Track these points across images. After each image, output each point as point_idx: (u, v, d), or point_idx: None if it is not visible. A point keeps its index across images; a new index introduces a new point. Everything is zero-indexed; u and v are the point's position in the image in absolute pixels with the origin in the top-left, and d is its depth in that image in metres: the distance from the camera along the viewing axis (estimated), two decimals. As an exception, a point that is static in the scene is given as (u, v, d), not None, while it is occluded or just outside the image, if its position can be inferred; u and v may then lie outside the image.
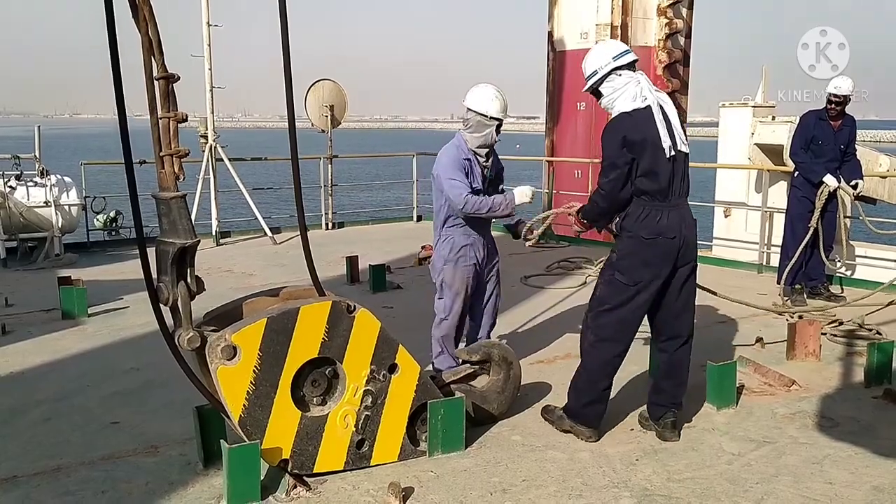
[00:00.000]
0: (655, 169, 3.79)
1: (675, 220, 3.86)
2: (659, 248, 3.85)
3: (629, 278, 3.90)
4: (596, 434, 4.11)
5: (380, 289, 7.71)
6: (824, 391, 4.89)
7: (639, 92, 3.85)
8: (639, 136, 3.78)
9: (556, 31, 13.24)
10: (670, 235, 3.85)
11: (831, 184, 7.06)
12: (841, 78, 7.19)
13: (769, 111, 9.82)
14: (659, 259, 3.87)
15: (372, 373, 3.68)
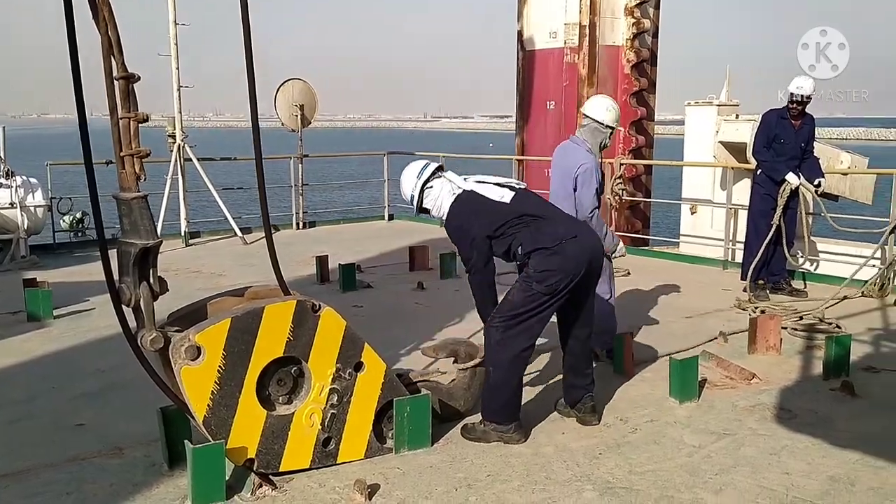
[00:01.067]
0: (507, 213, 4.13)
1: (568, 226, 4.16)
2: (566, 250, 4.01)
3: (547, 286, 3.99)
4: (524, 433, 4.13)
5: (350, 288, 7.73)
6: (784, 384, 5.00)
7: (452, 186, 4.29)
8: (473, 213, 4.18)
9: (526, 31, 13.33)
10: (570, 236, 4.06)
11: (793, 182, 7.21)
12: (803, 78, 7.32)
13: (733, 110, 9.97)
14: (569, 261, 4.01)
15: (338, 371, 3.70)
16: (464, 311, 6.83)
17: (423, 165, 4.40)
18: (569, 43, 12.55)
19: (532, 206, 4.20)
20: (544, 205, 4.33)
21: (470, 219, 4.18)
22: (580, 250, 4.05)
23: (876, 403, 4.65)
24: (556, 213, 4.32)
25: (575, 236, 4.07)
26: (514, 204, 4.16)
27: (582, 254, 4.05)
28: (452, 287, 7.97)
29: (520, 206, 4.16)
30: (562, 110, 13.09)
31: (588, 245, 4.11)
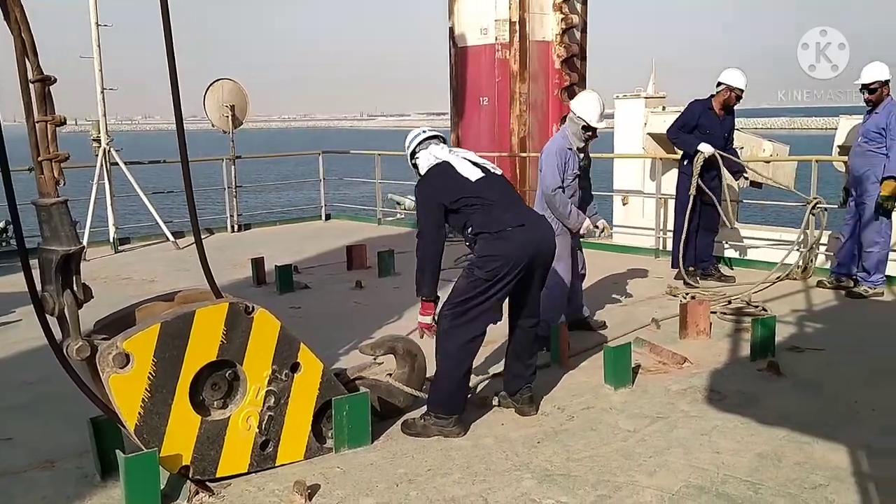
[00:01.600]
0: (467, 192, 4.23)
1: (517, 214, 4.21)
2: (509, 238, 4.09)
3: (488, 272, 4.07)
4: (463, 427, 4.16)
5: (287, 289, 7.64)
6: (714, 366, 5.16)
7: (433, 157, 4.42)
8: (439, 181, 4.34)
9: (457, 27, 13.36)
10: (517, 224, 4.13)
11: (706, 150, 7.32)
12: (739, 72, 7.47)
13: (660, 102, 10.21)
14: (513, 248, 4.08)
15: (274, 373, 3.67)
16: (403, 309, 6.85)
17: (416, 134, 4.60)
18: (500, 39, 12.64)
19: (494, 190, 4.26)
20: (506, 192, 4.36)
21: (435, 187, 4.32)
22: (525, 240, 4.10)
23: (800, 382, 4.83)
24: (513, 201, 4.33)
25: (522, 225, 4.12)
26: (477, 183, 4.24)
27: (527, 244, 4.10)
28: (391, 285, 7.97)
29: (481, 188, 4.23)
30: (495, 106, 13.19)
31: (535, 236, 4.15)
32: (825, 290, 7.20)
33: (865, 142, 6.87)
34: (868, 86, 6.79)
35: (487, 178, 4.30)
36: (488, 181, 4.29)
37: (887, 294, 7.01)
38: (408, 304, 7.01)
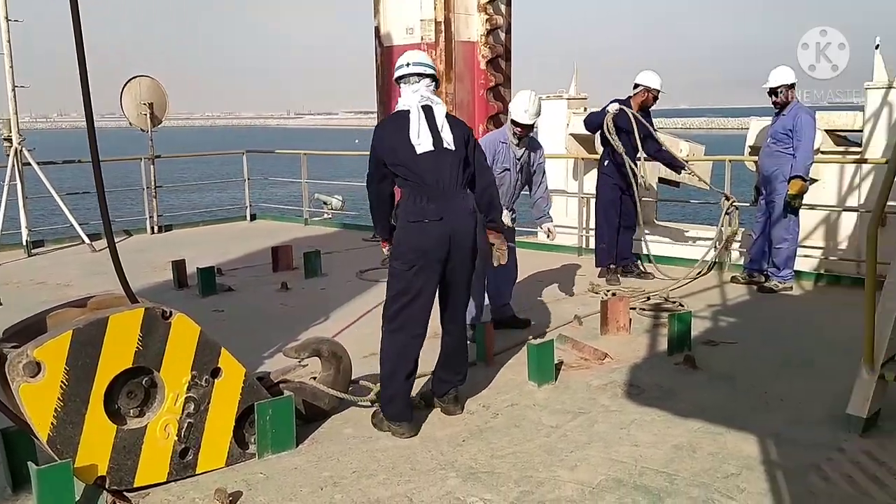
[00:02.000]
0: (407, 162, 4.13)
1: (441, 206, 4.08)
2: (425, 230, 4.06)
3: (403, 263, 4.09)
4: (411, 429, 4.15)
5: (210, 292, 7.49)
6: (633, 361, 5.30)
7: (406, 99, 4.26)
8: (388, 136, 4.21)
9: (383, 27, 13.31)
10: (435, 218, 4.05)
11: (613, 108, 7.55)
12: (655, 73, 7.70)
13: (581, 103, 10.44)
14: (427, 241, 4.05)
15: (193, 379, 3.60)
16: (329, 310, 6.82)
17: (401, 63, 4.34)
18: (425, 39, 12.64)
19: (433, 171, 4.10)
20: (445, 175, 4.12)
21: (382, 140, 4.23)
22: (439, 234, 4.04)
23: (714, 374, 5.02)
24: (445, 188, 4.11)
25: (440, 218, 4.04)
26: (421, 157, 4.11)
27: (441, 238, 4.05)
28: (318, 286, 7.91)
29: (422, 164, 4.10)
30: (422, 105, 13.21)
31: (450, 230, 4.06)
32: (738, 286, 7.49)
33: (774, 142, 7.18)
34: (774, 89, 7.10)
35: (435, 153, 4.12)
36: (434, 158, 4.11)
37: (796, 288, 7.34)
38: (334, 306, 6.99)
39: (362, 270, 8.48)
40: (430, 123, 4.17)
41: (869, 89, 8.20)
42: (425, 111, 4.19)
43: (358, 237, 10.89)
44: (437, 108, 4.27)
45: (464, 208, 4.17)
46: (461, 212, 4.15)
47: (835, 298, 7.02)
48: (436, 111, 4.24)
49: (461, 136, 4.27)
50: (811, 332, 5.96)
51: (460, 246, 4.13)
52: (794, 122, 6.95)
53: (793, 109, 7.06)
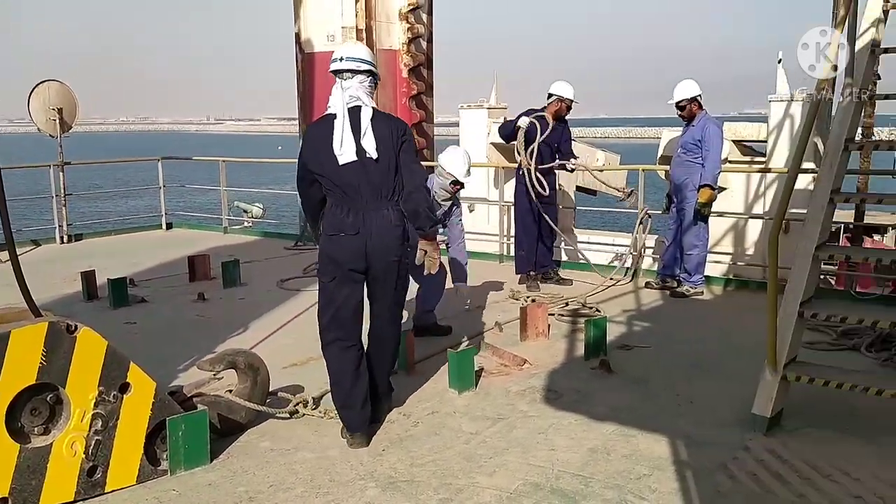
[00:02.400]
0: (330, 173, 4.05)
1: (359, 219, 4.03)
2: (341, 243, 4.04)
3: (324, 275, 4.12)
4: (361, 439, 4.11)
5: (121, 304, 7.24)
6: (551, 367, 5.40)
7: (331, 103, 4.13)
8: (313, 141, 4.12)
9: (304, 33, 13.20)
10: (352, 232, 4.02)
11: (523, 123, 7.64)
12: (568, 84, 7.84)
13: (502, 112, 10.58)
14: (343, 254, 4.04)
15: (101, 395, 3.48)
16: (249, 320, 6.69)
17: (335, 56, 4.14)
18: (347, 46, 12.63)
19: (354, 184, 4.01)
20: (365, 187, 4.02)
21: (307, 146, 4.14)
22: (354, 248, 4.02)
23: (628, 378, 5.15)
24: (364, 201, 4.03)
25: (356, 233, 4.01)
26: (343, 168, 4.00)
27: (356, 253, 4.02)
28: (236, 296, 7.75)
29: (343, 175, 4.01)
30: (344, 113, 13.15)
31: (364, 245, 4.02)
32: (652, 291, 7.72)
33: (684, 152, 7.44)
34: (678, 104, 7.37)
35: (358, 164, 4.00)
36: (356, 169, 4.00)
37: (706, 293, 7.62)
38: (253, 316, 6.86)
39: (283, 279, 8.37)
40: (354, 129, 4.02)
41: (772, 101, 8.59)
42: (351, 115, 4.04)
43: (279, 245, 10.74)
44: (364, 111, 4.07)
45: (384, 221, 4.06)
46: (380, 225, 4.05)
47: (742, 302, 7.32)
48: (362, 114, 4.06)
49: (388, 138, 4.08)
50: (720, 335, 6.19)
51: (379, 259, 4.08)
52: (703, 133, 7.23)
53: (701, 121, 7.34)
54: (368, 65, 4.16)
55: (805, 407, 4.46)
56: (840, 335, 5.89)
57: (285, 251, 10.33)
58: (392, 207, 4.11)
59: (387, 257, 4.10)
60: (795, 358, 4.39)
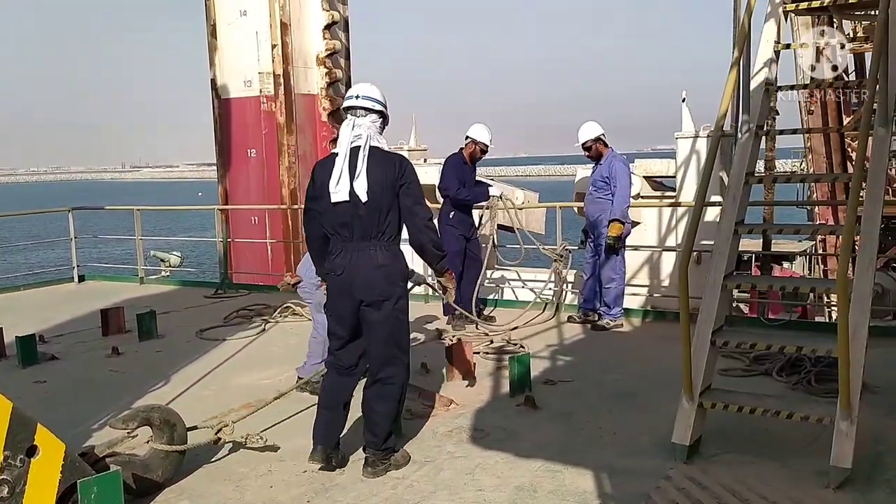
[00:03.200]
0: (326, 211, 4.23)
1: (346, 259, 4.17)
2: (332, 282, 4.27)
3: (326, 308, 4.42)
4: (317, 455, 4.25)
5: (30, 362, 6.90)
6: (478, 405, 5.41)
7: (340, 138, 4.32)
8: (318, 177, 4.28)
9: (220, 78, 13.11)
10: (339, 272, 4.18)
11: (496, 192, 8.08)
12: (485, 127, 7.97)
13: (422, 154, 10.71)
14: (333, 292, 4.28)
15: (6, 460, 3.30)
16: (166, 373, 6.48)
17: (349, 94, 4.36)
18: (264, 91, 12.59)
19: (346, 224, 4.16)
20: (355, 227, 4.15)
21: (312, 181, 4.31)
22: (338, 287, 4.23)
23: (554, 413, 5.20)
24: (355, 241, 4.17)
25: (342, 273, 4.17)
26: (336, 207, 4.16)
27: (341, 292, 4.22)
28: (153, 349, 7.51)
29: (336, 215, 4.17)
30: (264, 158, 13.06)
31: (346, 285, 4.17)
32: (574, 325, 7.85)
33: (595, 190, 7.69)
34: (584, 145, 7.63)
35: (350, 204, 4.12)
36: (347, 209, 4.13)
37: (626, 325, 7.80)
38: (171, 369, 6.65)
39: (202, 329, 8.15)
40: (350, 169, 4.14)
41: (679, 138, 8.97)
42: (352, 154, 4.16)
43: (199, 294, 10.48)
44: (363, 153, 4.16)
45: (370, 261, 4.15)
46: (366, 265, 4.15)
47: (660, 333, 7.51)
48: (359, 155, 4.15)
49: (383, 181, 4.15)
50: (640, 366, 6.33)
51: (365, 298, 4.18)
52: (610, 171, 7.51)
53: (608, 159, 7.62)
54: (381, 105, 4.32)
55: (722, 433, 4.59)
56: (752, 361, 6.10)
57: (205, 300, 10.09)
58: (381, 248, 4.19)
59: (371, 296, 4.17)
60: (710, 385, 4.53)
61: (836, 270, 13.55)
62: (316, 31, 12.88)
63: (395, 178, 4.19)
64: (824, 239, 18.14)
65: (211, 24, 13.10)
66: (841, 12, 5.84)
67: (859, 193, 4.10)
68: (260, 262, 12.93)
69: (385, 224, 4.19)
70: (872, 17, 5.79)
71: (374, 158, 4.17)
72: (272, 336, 7.92)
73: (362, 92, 4.30)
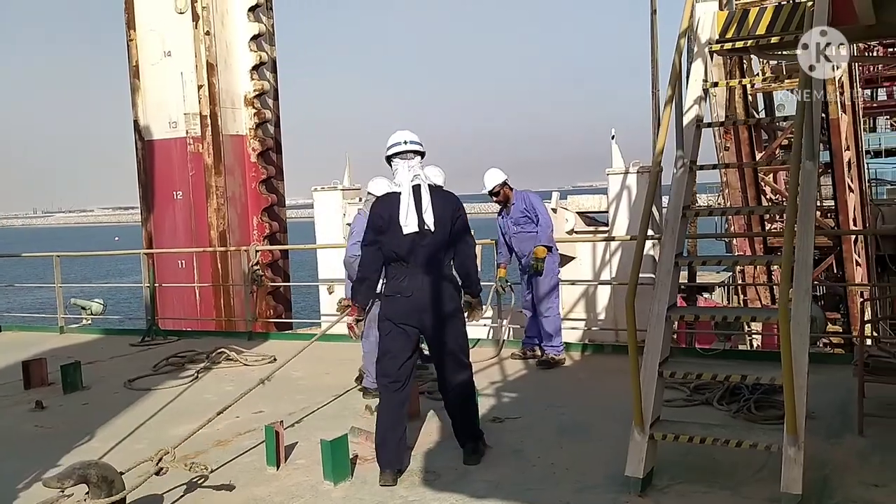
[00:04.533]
0: (393, 241, 4.73)
1: (414, 283, 4.72)
2: (398, 303, 4.74)
3: (381, 329, 4.84)
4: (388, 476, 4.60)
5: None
6: (427, 446, 5.31)
7: (398, 180, 4.84)
8: (384, 212, 4.79)
9: (143, 120, 12.85)
10: (407, 294, 4.72)
11: None
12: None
13: (356, 193, 10.66)
14: (399, 313, 4.74)
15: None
16: (95, 427, 6.16)
17: (393, 142, 4.87)
18: (191, 132, 12.38)
19: (414, 251, 4.71)
20: (422, 255, 4.72)
21: (379, 214, 4.80)
22: (408, 308, 4.73)
23: (505, 451, 5.15)
24: (419, 267, 4.72)
25: (410, 295, 4.70)
26: (406, 237, 4.71)
27: (411, 312, 4.72)
28: (79, 401, 7.13)
29: (406, 244, 4.71)
30: (191, 200, 12.78)
31: (416, 306, 4.71)
32: (517, 361, 7.86)
33: (518, 227, 7.76)
34: (492, 191, 7.70)
35: (418, 234, 4.70)
36: (415, 239, 4.70)
37: (567, 359, 7.85)
38: (100, 422, 6.33)
39: (131, 379, 7.79)
40: (416, 204, 4.73)
41: (610, 175, 9.21)
42: (414, 191, 4.76)
43: (124, 343, 10.05)
44: (424, 188, 4.79)
45: (437, 282, 4.76)
46: (434, 286, 4.75)
47: (601, 365, 7.59)
48: (422, 191, 4.78)
49: (445, 214, 4.80)
50: (585, 399, 6.37)
51: (433, 314, 4.74)
52: (526, 203, 7.63)
53: (517, 196, 7.75)
54: (422, 147, 4.93)
55: (672, 463, 4.63)
56: (692, 391, 6.22)
57: (132, 348, 9.69)
58: (444, 269, 4.83)
59: (440, 312, 4.75)
60: (660, 417, 4.57)
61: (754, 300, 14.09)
62: (243, 72, 12.80)
63: (453, 211, 4.85)
64: (743, 270, 18.89)
65: (133, 64, 12.85)
66: (762, 52, 6.11)
67: (794, 224, 4.26)
68: (188, 307, 12.57)
69: (446, 251, 4.83)
70: (791, 57, 6.09)
71: (435, 194, 4.83)
72: (206, 383, 7.64)
73: (408, 138, 4.89)
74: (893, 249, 18.01)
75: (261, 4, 13.00)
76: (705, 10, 5.74)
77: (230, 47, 12.67)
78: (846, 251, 15.98)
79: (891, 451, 4.75)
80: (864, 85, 28.02)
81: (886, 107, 35.96)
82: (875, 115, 36.09)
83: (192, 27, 12.24)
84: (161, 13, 12.47)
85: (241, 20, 12.80)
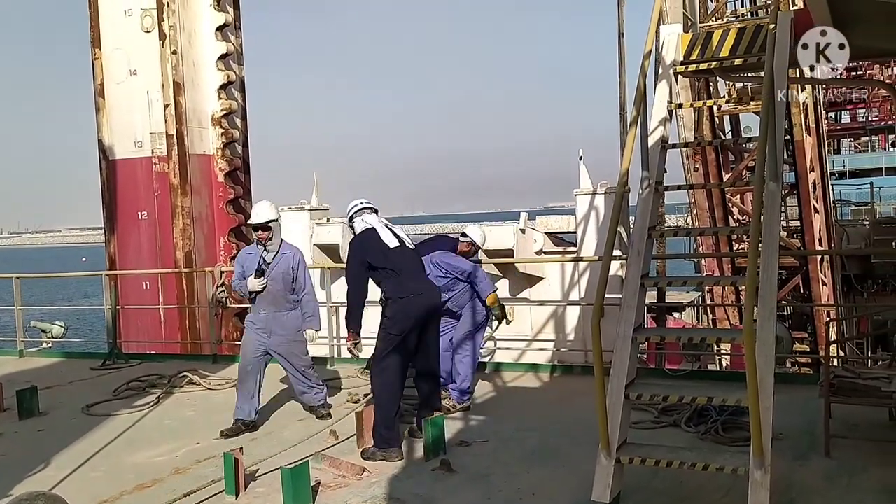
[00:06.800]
0: (382, 257, 5.67)
1: (418, 284, 5.67)
2: (416, 301, 5.57)
3: (397, 329, 5.54)
4: (400, 453, 5.40)
5: None
6: (392, 472, 5.20)
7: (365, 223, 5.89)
8: (367, 243, 5.78)
9: (108, 139, 12.65)
10: (419, 293, 5.61)
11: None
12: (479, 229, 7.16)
13: (324, 213, 10.57)
14: (420, 309, 5.59)
15: None
16: (50, 455, 5.97)
17: (354, 205, 5.99)
18: (156, 152, 12.22)
19: (404, 260, 5.72)
20: (413, 262, 5.82)
21: (364, 244, 5.78)
22: (423, 304, 5.61)
23: (471, 476, 5.06)
24: (416, 271, 5.80)
25: (421, 293, 5.62)
26: (393, 251, 5.71)
27: (425, 307, 5.63)
28: (35, 428, 6.91)
29: (395, 256, 5.69)
30: (156, 220, 12.58)
31: (429, 302, 5.67)
32: (484, 384, 7.76)
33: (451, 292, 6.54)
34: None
35: (401, 248, 5.76)
36: (401, 251, 5.75)
37: (535, 381, 7.79)
38: (56, 449, 6.13)
39: (90, 405, 7.57)
40: (392, 231, 5.85)
41: (578, 195, 9.21)
42: (385, 226, 5.88)
43: (85, 366, 9.79)
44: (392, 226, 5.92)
45: (431, 285, 5.86)
46: (430, 288, 5.79)
47: (569, 387, 7.52)
48: (391, 226, 5.91)
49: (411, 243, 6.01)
50: (553, 422, 6.29)
51: (435, 312, 5.79)
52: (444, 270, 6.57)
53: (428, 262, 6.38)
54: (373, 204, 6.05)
55: (639, 487, 4.57)
56: (660, 412, 6.18)
57: (92, 372, 9.44)
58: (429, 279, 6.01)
59: (437, 309, 5.86)
60: (626, 440, 4.51)
61: (723, 319, 14.10)
62: (211, 91, 12.68)
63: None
64: (711, 290, 19.02)
65: (98, 83, 12.68)
66: (726, 74, 6.16)
67: (758, 244, 4.25)
68: (152, 330, 12.32)
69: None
70: (755, 79, 6.14)
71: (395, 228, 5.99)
72: (167, 408, 7.46)
73: (364, 201, 5.99)
74: (859, 269, 18.28)
75: (229, 24, 12.91)
76: (670, 32, 5.78)
77: (197, 66, 12.55)
78: (812, 271, 16.16)
79: (857, 472, 4.74)
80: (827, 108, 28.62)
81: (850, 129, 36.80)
82: (839, 137, 36.93)
83: (158, 46, 12.11)
84: (127, 32, 12.32)
85: (209, 39, 12.70)
